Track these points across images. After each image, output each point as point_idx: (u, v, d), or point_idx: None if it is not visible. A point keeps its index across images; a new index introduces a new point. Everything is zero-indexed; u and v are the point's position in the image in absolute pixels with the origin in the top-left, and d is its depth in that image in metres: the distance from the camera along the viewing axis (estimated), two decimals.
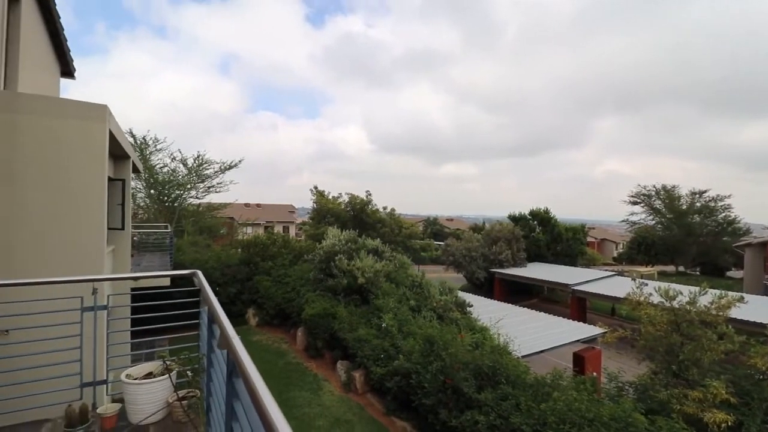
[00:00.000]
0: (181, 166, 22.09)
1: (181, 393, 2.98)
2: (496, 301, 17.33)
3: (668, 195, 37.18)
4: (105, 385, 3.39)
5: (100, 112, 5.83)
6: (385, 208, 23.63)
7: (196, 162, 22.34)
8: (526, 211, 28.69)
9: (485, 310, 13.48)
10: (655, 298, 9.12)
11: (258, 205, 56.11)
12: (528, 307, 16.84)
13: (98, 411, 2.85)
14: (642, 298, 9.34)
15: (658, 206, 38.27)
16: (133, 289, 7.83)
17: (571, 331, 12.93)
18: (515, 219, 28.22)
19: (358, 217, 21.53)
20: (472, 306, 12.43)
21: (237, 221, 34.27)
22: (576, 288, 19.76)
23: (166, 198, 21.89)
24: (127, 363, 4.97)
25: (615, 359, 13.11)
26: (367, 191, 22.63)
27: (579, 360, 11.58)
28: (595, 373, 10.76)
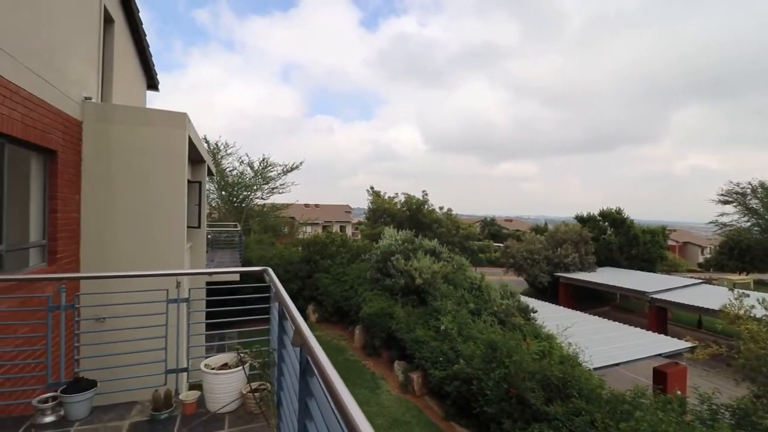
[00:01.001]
0: (248, 168, 23.52)
1: (254, 385, 3.07)
2: (562, 308, 16.27)
3: (767, 193, 32.44)
4: (185, 373, 3.62)
5: (181, 119, 6.32)
6: (441, 208, 23.28)
7: (261, 165, 23.65)
8: (594, 212, 26.66)
9: (550, 316, 12.68)
10: (758, 311, 7.94)
11: (316, 206, 58.20)
12: (599, 316, 15.59)
13: (180, 397, 3.03)
14: (742, 311, 8.17)
15: (754, 206, 33.52)
16: (207, 284, 8.43)
17: (651, 343, 11.71)
18: (583, 220, 26.34)
19: (414, 217, 21.40)
20: (536, 312, 11.75)
21: (297, 221, 35.80)
22: (655, 296, 17.92)
23: (235, 199, 23.43)
24: (202, 353, 5.29)
25: (704, 378, 11.67)
26: (423, 191, 22.46)
27: (660, 376, 10.45)
28: (680, 392, 9.65)
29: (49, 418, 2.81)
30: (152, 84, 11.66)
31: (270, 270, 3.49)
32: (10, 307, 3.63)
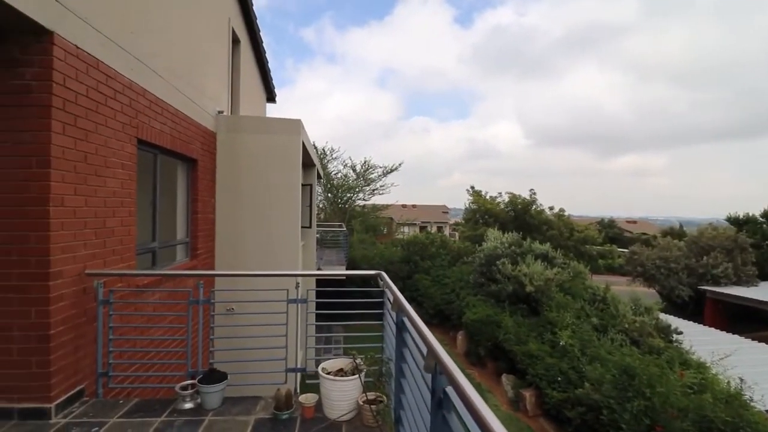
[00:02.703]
0: (351, 171, 24.62)
1: (370, 395, 2.90)
2: (713, 329, 13.37)
3: None
4: (303, 373, 3.65)
5: (296, 126, 6.66)
6: (551, 209, 21.21)
7: (363, 167, 24.54)
8: (753, 211, 21.53)
9: (699, 339, 10.42)
10: None
11: (413, 206, 58.58)
12: (763, 342, 12.38)
13: (300, 399, 3.00)
14: None
15: None
16: (316, 282, 8.83)
17: None
18: (738, 222, 21.50)
19: (521, 218, 19.86)
20: (681, 333, 9.77)
21: (395, 221, 36.40)
22: None
23: (339, 200, 24.73)
24: (315, 353, 5.42)
25: None
26: (531, 190, 20.71)
27: None
28: None
29: (188, 405, 3.02)
30: (271, 97, 12.83)
31: (384, 274, 3.30)
32: (160, 299, 4.10)
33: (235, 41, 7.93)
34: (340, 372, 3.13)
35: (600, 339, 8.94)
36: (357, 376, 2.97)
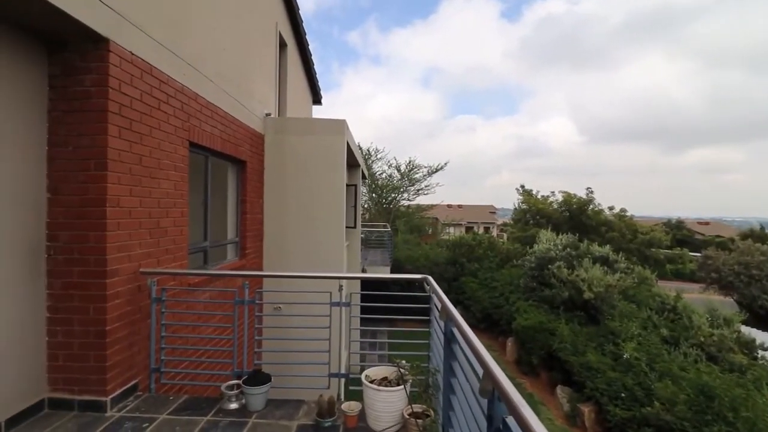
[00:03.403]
0: (396, 171, 24.52)
1: (416, 408, 2.72)
2: None
3: None
4: (345, 379, 3.55)
5: (340, 126, 6.62)
6: (611, 209, 19.69)
7: (408, 167, 24.34)
8: None
9: None
10: None
11: (459, 206, 57.41)
12: None
13: (343, 407, 2.89)
14: None
15: None
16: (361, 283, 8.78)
17: None
18: None
19: (576, 218, 18.61)
20: None
21: (440, 221, 35.81)
22: None
23: (384, 201, 24.73)
24: (360, 358, 5.29)
25: None
26: (588, 188, 19.33)
27: None
28: None
29: (233, 405, 3.02)
30: (317, 99, 13.03)
31: (431, 279, 3.11)
32: (210, 298, 4.20)
33: (282, 45, 8.08)
34: (385, 381, 2.97)
35: (671, 353, 8.08)
36: (402, 386, 2.80)
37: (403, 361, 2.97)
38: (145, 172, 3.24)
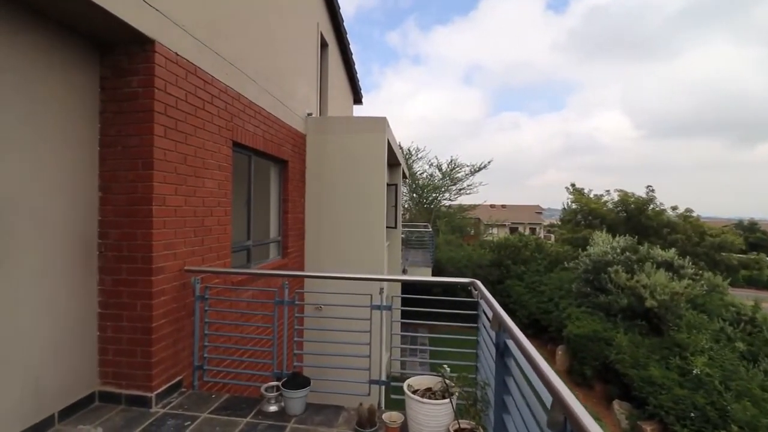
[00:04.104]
0: (437, 171, 24.10)
1: (463, 424, 2.50)
2: None
3: None
4: (386, 386, 3.39)
5: (381, 124, 6.49)
6: (674, 209, 18.03)
7: (449, 166, 23.84)
8: None
9: None
10: None
11: (503, 206, 55.58)
12: None
13: (384, 417, 2.73)
14: None
15: None
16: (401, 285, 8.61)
17: None
18: None
19: (634, 219, 17.22)
20: None
21: (483, 222, 34.82)
22: None
23: (425, 200, 24.41)
24: (401, 365, 5.12)
25: None
26: (649, 186, 17.79)
27: None
28: None
29: (272, 408, 2.97)
30: (357, 99, 13.05)
31: (479, 283, 2.87)
32: (252, 297, 4.21)
33: (323, 45, 8.10)
34: (428, 392, 2.78)
35: (749, 370, 7.18)
36: (448, 399, 2.59)
37: (448, 368, 2.77)
38: (189, 171, 3.28)
